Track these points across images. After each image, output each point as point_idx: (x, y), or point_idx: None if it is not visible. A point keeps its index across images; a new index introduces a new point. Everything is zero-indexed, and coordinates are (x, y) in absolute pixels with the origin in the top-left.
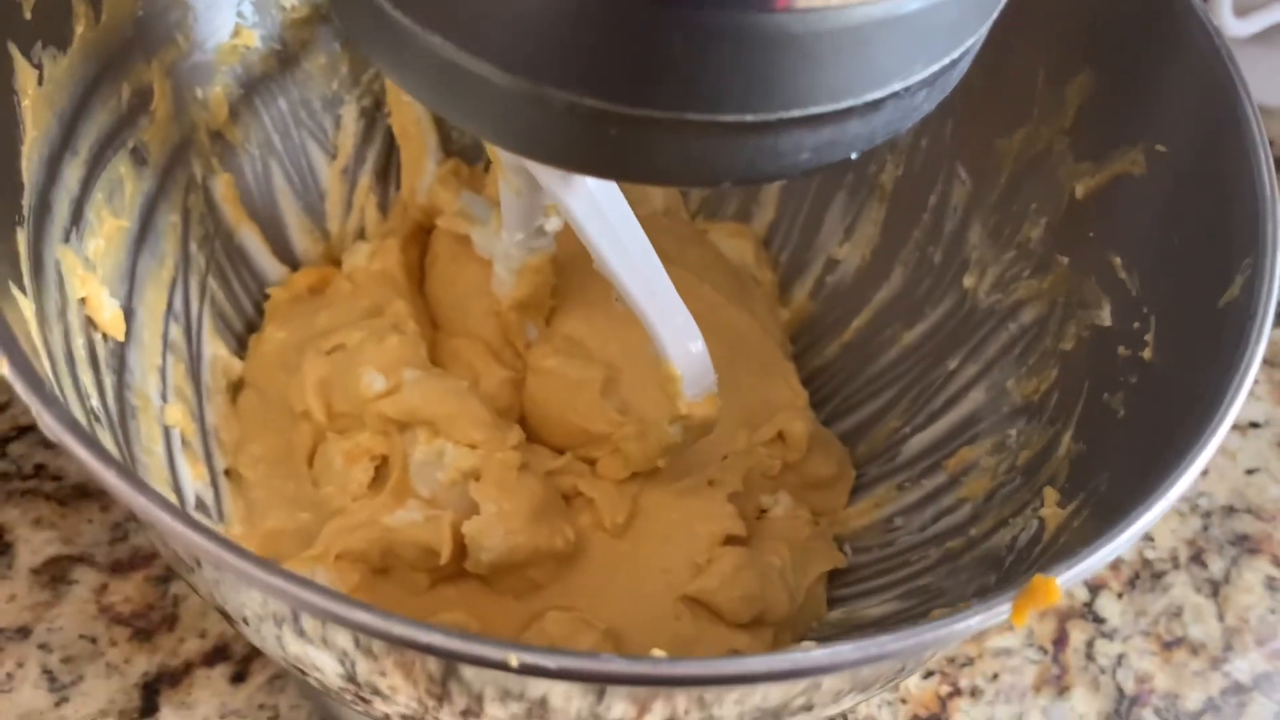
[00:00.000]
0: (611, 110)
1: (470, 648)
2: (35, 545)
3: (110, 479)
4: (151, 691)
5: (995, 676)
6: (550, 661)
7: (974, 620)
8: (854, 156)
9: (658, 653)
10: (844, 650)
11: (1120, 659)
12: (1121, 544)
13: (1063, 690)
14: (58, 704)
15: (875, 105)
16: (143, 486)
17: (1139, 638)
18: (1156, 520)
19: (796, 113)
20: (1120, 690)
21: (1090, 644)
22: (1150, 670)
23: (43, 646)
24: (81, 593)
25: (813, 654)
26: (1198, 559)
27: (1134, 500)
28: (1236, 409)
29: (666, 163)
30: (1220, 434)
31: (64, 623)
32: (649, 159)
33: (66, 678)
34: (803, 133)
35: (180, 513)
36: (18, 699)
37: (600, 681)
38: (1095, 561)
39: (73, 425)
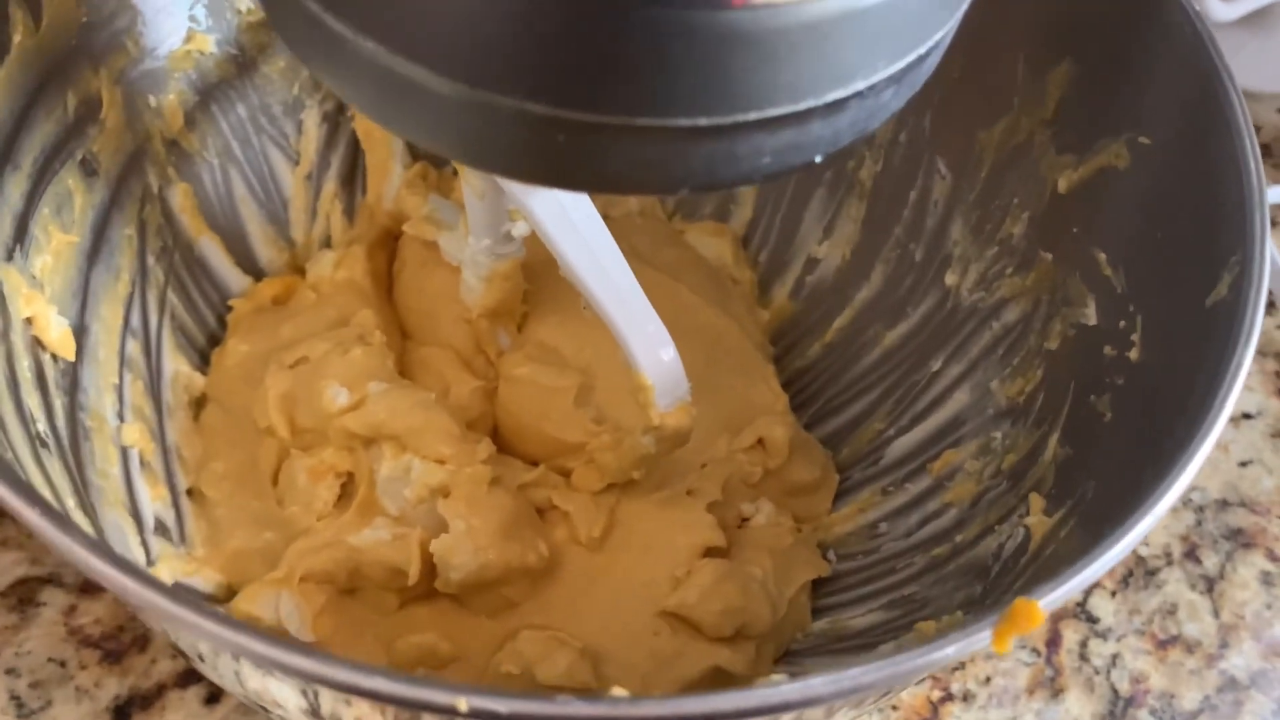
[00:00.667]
0: (559, 116)
1: (417, 693)
2: (2, 566)
3: (34, 519)
4: (123, 715)
5: (988, 680)
6: (502, 706)
7: (951, 649)
8: (818, 160)
9: (618, 691)
10: (815, 685)
11: (1115, 659)
12: (1106, 562)
13: (1057, 692)
14: None
15: (838, 105)
16: (67, 526)
17: (1133, 637)
18: (1143, 536)
19: (754, 115)
20: (1115, 691)
21: (1084, 644)
22: (1145, 670)
23: (10, 671)
24: (50, 615)
25: (782, 689)
26: (1191, 555)
27: (1120, 512)
28: (1225, 416)
29: (619, 170)
30: (1209, 443)
31: (32, 646)
32: (600, 167)
33: (35, 703)
34: (761, 136)
35: (110, 553)
36: None
37: None
38: (1079, 582)
39: None
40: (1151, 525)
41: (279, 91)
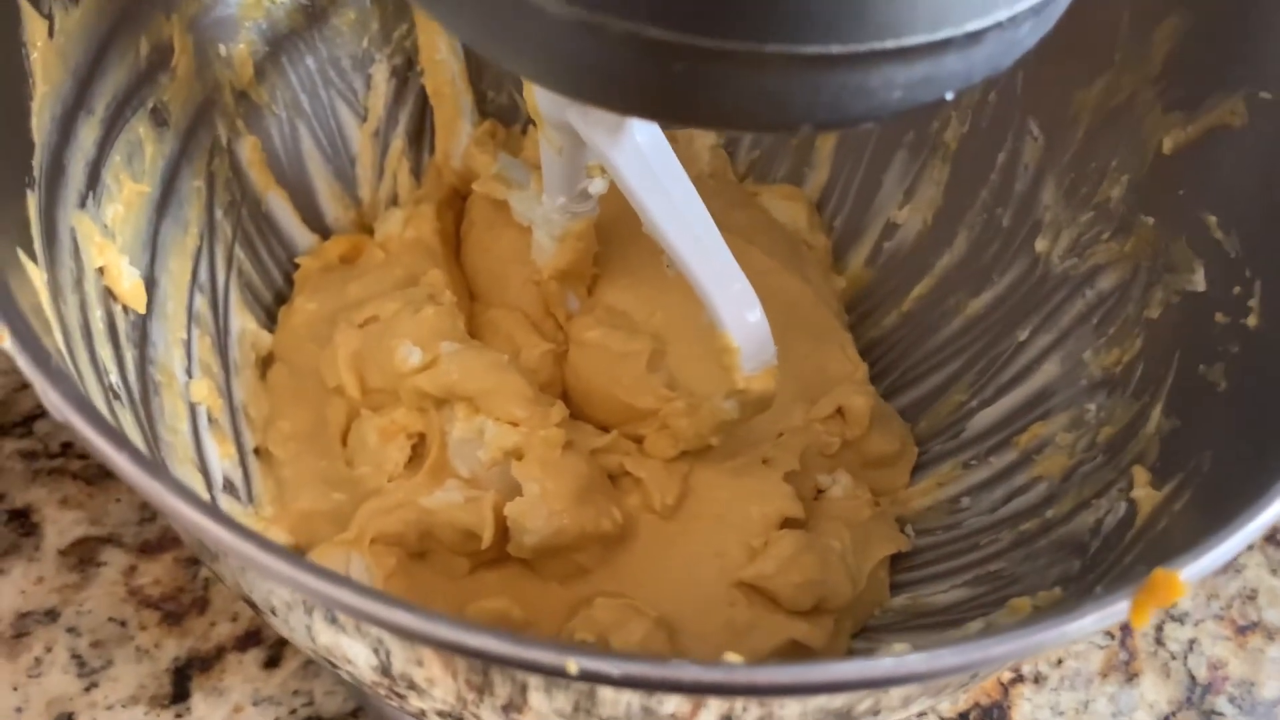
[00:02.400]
0: (679, 42)
1: (523, 652)
2: (63, 526)
3: (122, 463)
4: (183, 677)
5: (1060, 662)
6: (613, 668)
7: (1088, 620)
8: (949, 96)
9: (732, 657)
10: (941, 655)
11: (1192, 644)
12: (1251, 531)
13: (1131, 677)
14: (87, 689)
15: (976, 37)
16: (157, 471)
17: (1211, 622)
18: None
19: (890, 44)
20: (1192, 677)
21: (1160, 629)
22: (1224, 656)
23: (71, 630)
24: (110, 575)
25: (908, 660)
26: (1273, 538)
27: (1250, 482)
28: None
29: (740, 103)
30: None
31: (93, 605)
32: (720, 99)
33: (96, 662)
34: (895, 67)
35: (198, 501)
36: (46, 684)
37: (671, 690)
38: (1223, 552)
39: (80, 404)
40: None
41: (348, 45)
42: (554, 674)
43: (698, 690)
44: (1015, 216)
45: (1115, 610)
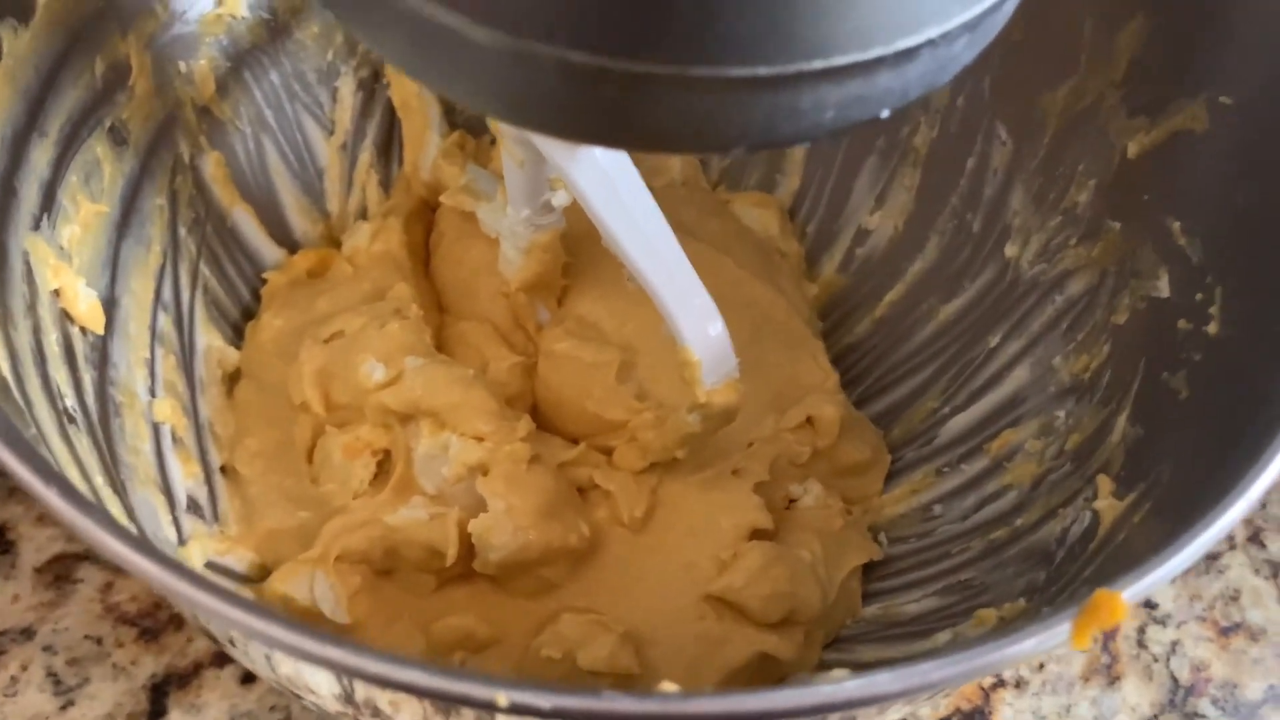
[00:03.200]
0: (606, 66)
1: (453, 686)
2: (39, 543)
3: (51, 499)
4: (160, 693)
5: (1041, 666)
6: (544, 701)
7: (1028, 643)
8: (885, 115)
9: (667, 686)
10: (880, 682)
11: (1174, 646)
12: (1196, 550)
13: (1113, 680)
14: (63, 708)
15: (909, 54)
16: (86, 506)
17: (1194, 623)
18: (1236, 521)
19: (818, 64)
20: (1175, 679)
21: (1142, 631)
22: (1206, 658)
23: (47, 648)
24: (86, 592)
25: (845, 686)
26: (1256, 539)
27: (1204, 496)
28: None
29: (671, 126)
30: None
31: (69, 623)
32: (651, 122)
33: (72, 680)
34: (826, 87)
35: (126, 534)
36: (22, 703)
37: None
38: (1167, 570)
39: (9, 436)
40: (1246, 510)
41: (313, 58)
42: (484, 708)
43: None
44: (985, 221)
45: (1057, 632)
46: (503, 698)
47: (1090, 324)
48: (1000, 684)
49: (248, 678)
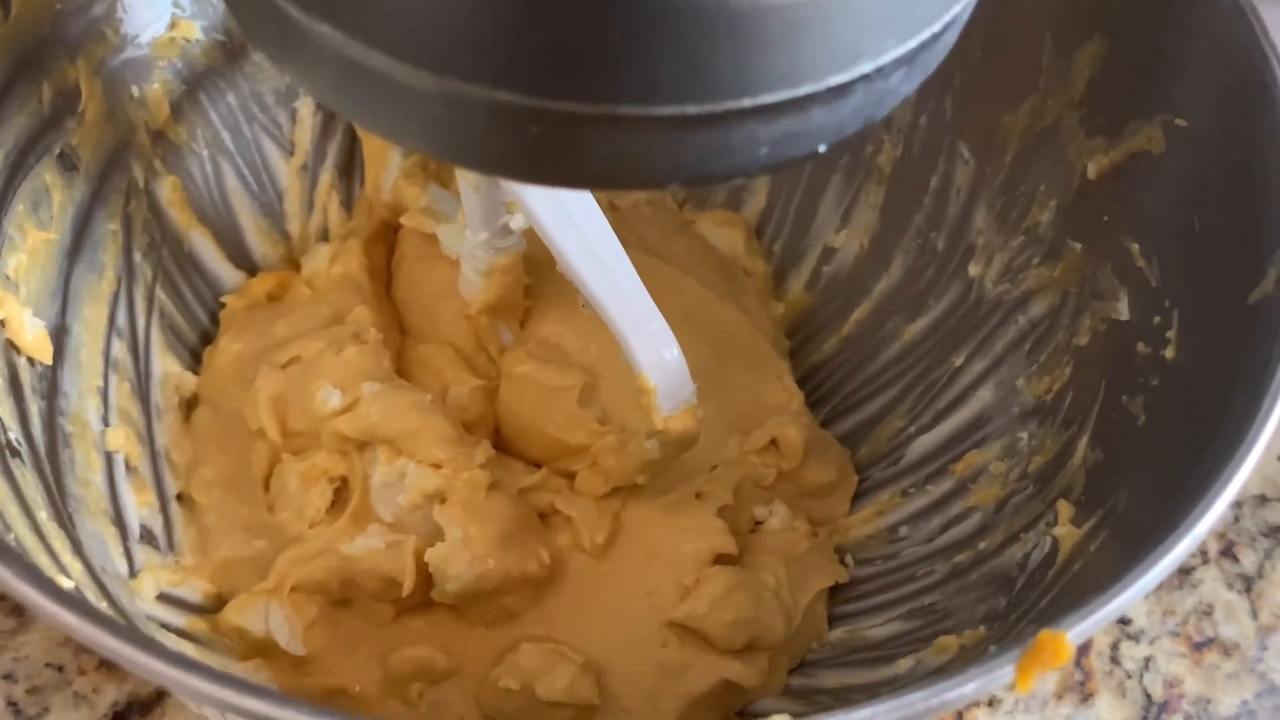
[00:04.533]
0: (532, 106)
1: None
2: None
3: None
4: None
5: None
6: None
7: (970, 686)
8: (822, 149)
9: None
10: None
11: (1147, 662)
12: (1141, 588)
13: (1087, 697)
14: None
15: (842, 90)
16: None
17: (1167, 639)
18: (1184, 556)
19: (747, 102)
20: (1148, 696)
21: (1115, 647)
22: (1180, 674)
23: (7, 677)
24: None
25: None
26: (1228, 553)
27: (1157, 526)
28: (1273, 421)
29: (600, 164)
30: (1256, 451)
31: (30, 650)
32: (579, 161)
33: (32, 709)
34: (756, 125)
35: (47, 586)
36: None
37: None
38: (1110, 611)
39: None
40: (1192, 546)
41: (271, 79)
42: None
43: None
44: (949, 240)
45: (999, 675)
46: None
47: (1052, 345)
48: (973, 703)
49: None
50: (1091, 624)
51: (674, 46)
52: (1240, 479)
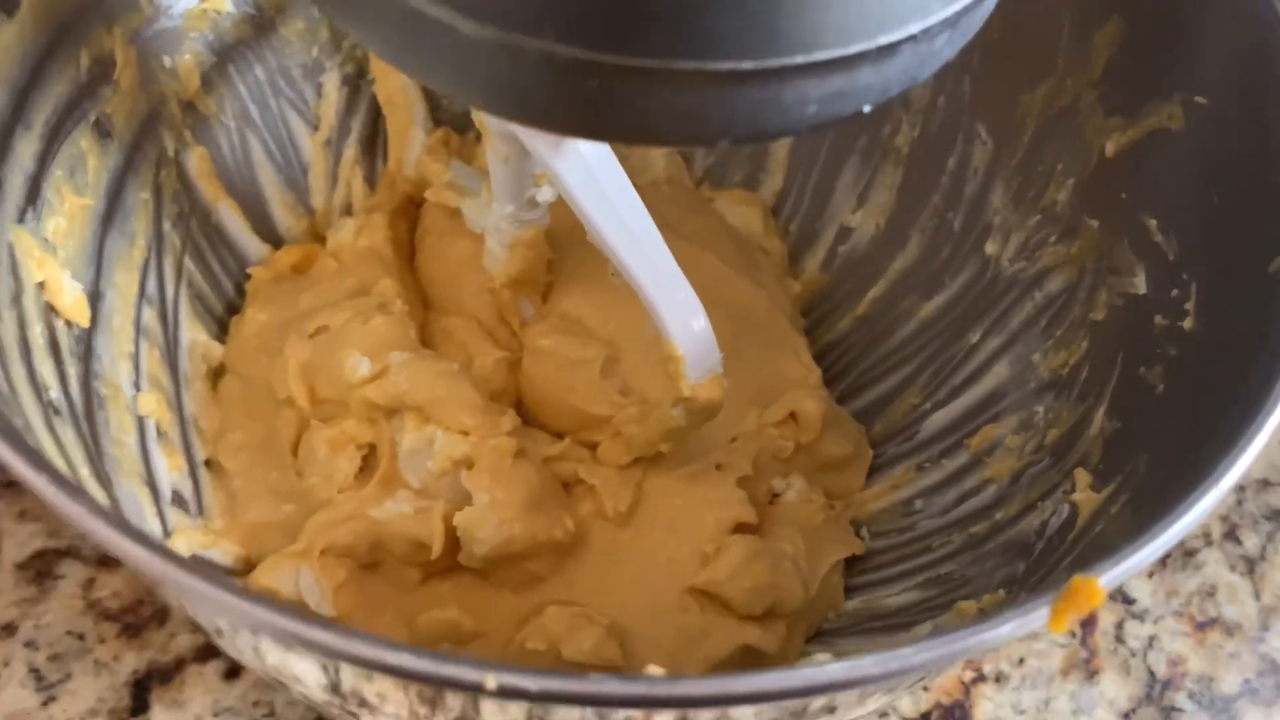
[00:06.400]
0: (592, 60)
1: (442, 669)
2: (20, 539)
3: (41, 485)
4: (142, 689)
5: (1021, 661)
6: (531, 683)
7: (1006, 628)
8: (867, 110)
9: (654, 669)
10: (864, 665)
11: (1151, 641)
12: (1171, 537)
13: (1091, 674)
14: (45, 703)
15: (890, 50)
16: (78, 494)
17: (1171, 619)
18: (1208, 511)
19: (800, 59)
20: (1152, 673)
21: (1120, 626)
22: (1183, 652)
23: (29, 644)
24: (68, 588)
25: (828, 669)
26: (1231, 535)
27: (1179, 486)
28: None
29: (655, 119)
30: (1276, 416)
31: (51, 619)
32: (635, 115)
33: (54, 676)
34: (808, 82)
35: (122, 523)
36: (4, 699)
37: (590, 704)
38: (1142, 558)
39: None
40: (1217, 500)
41: (298, 54)
42: (472, 690)
43: (615, 704)
44: (966, 220)
45: (1035, 617)
46: (491, 680)
47: (1069, 320)
48: (980, 678)
49: (231, 673)
50: (1122, 570)
51: (731, 3)
52: (1264, 436)
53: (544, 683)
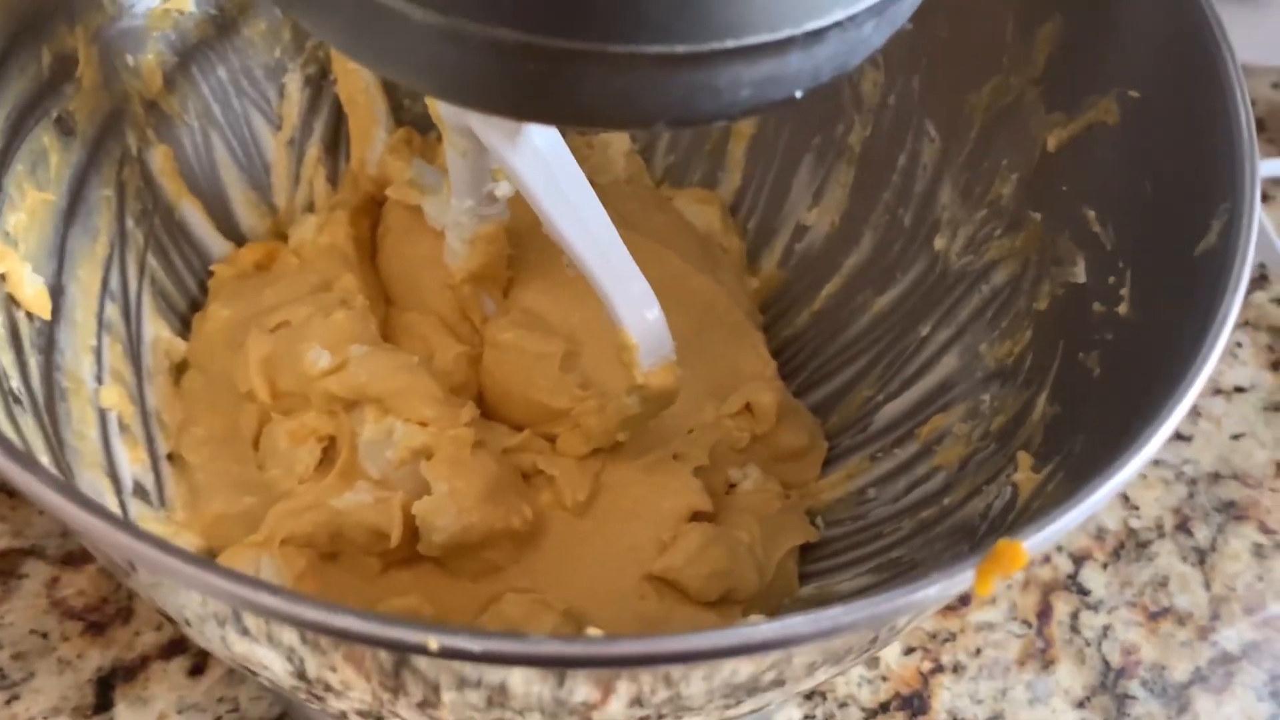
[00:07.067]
0: (530, 43)
1: (384, 631)
2: None
3: (14, 472)
4: (106, 686)
5: (978, 651)
6: (474, 645)
7: (933, 589)
8: (799, 95)
9: (593, 631)
10: (796, 624)
11: (1106, 631)
12: (1094, 504)
13: (1047, 664)
14: (8, 702)
15: (817, 36)
16: (48, 477)
17: (1124, 609)
18: (1131, 477)
19: (731, 43)
20: (1106, 662)
21: (1075, 616)
22: (1136, 641)
23: None
24: (32, 586)
25: (761, 628)
26: (1183, 527)
27: (1108, 459)
28: (1215, 358)
29: (593, 101)
30: (1198, 384)
31: (14, 618)
32: (576, 98)
33: (17, 675)
34: (739, 66)
35: (88, 501)
36: None
37: (530, 664)
38: (1064, 524)
39: None
40: (1141, 465)
41: (260, 54)
42: (416, 651)
43: (556, 664)
44: (916, 216)
45: (961, 579)
46: (433, 641)
47: (1014, 311)
48: (938, 669)
49: (196, 670)
50: (1046, 535)
51: None
52: (1183, 408)
53: (487, 644)
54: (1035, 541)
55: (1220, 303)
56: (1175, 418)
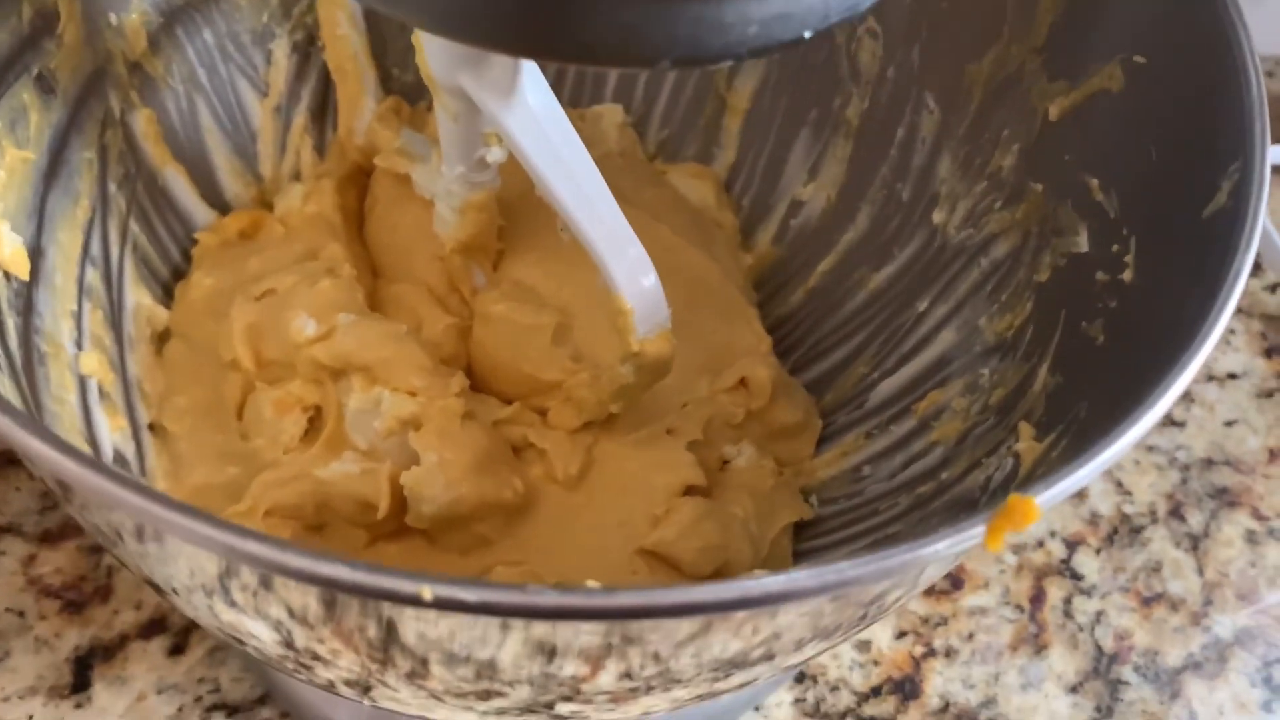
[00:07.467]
0: None
1: (379, 581)
2: None
3: (14, 432)
4: (83, 666)
5: (970, 636)
6: (469, 595)
7: (942, 544)
8: (807, 35)
9: (591, 583)
10: (799, 578)
11: (1099, 616)
12: (1106, 460)
13: (1040, 649)
14: None
15: None
16: (38, 429)
17: (1117, 594)
18: (1143, 435)
19: None
20: (1099, 648)
21: (1068, 601)
22: (1129, 627)
23: None
24: (9, 564)
25: (763, 581)
26: (1176, 513)
27: (1119, 418)
28: (1225, 320)
29: (599, 37)
30: (1209, 345)
31: None
32: (579, 32)
33: None
34: (749, 3)
35: (75, 452)
36: None
37: (527, 616)
38: (1078, 479)
39: None
40: (1152, 424)
41: (247, 19)
42: (410, 602)
43: (554, 616)
44: (914, 190)
45: (972, 534)
46: (428, 591)
47: (1014, 284)
48: (930, 653)
49: (175, 650)
50: (1058, 490)
51: None
52: (1193, 367)
53: (482, 594)
54: (1046, 497)
55: (1232, 262)
56: (1190, 371)
